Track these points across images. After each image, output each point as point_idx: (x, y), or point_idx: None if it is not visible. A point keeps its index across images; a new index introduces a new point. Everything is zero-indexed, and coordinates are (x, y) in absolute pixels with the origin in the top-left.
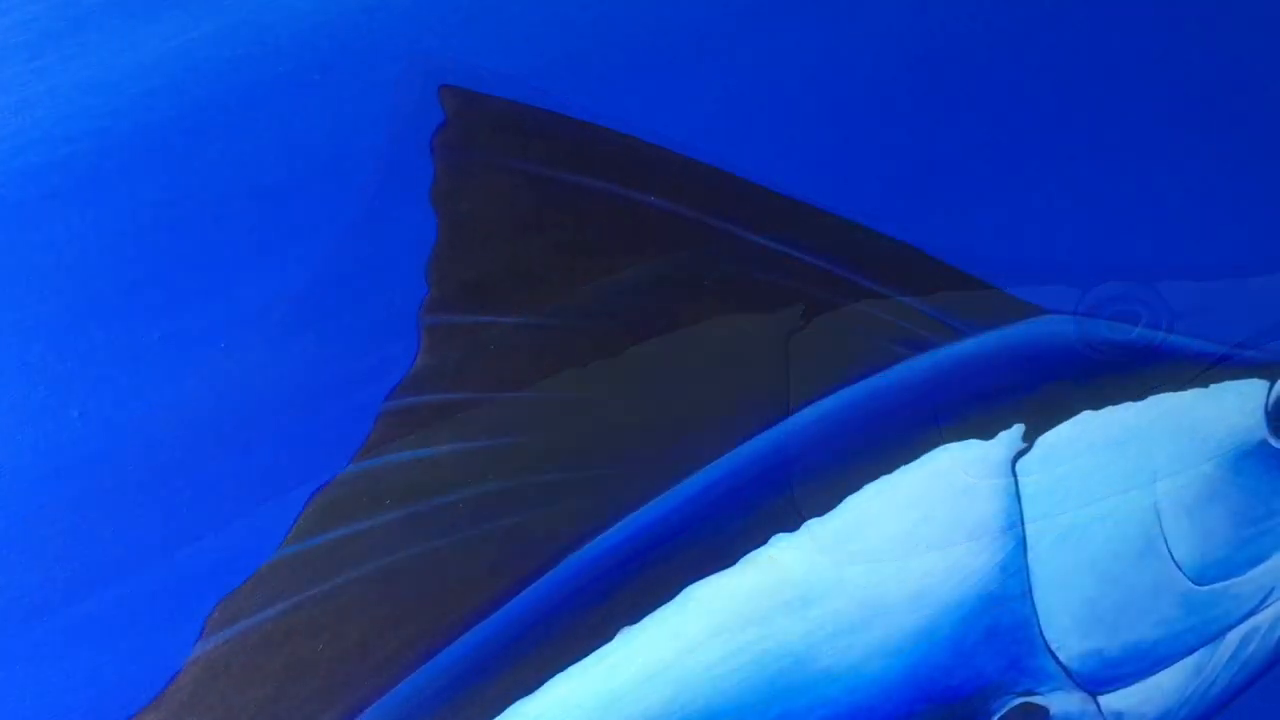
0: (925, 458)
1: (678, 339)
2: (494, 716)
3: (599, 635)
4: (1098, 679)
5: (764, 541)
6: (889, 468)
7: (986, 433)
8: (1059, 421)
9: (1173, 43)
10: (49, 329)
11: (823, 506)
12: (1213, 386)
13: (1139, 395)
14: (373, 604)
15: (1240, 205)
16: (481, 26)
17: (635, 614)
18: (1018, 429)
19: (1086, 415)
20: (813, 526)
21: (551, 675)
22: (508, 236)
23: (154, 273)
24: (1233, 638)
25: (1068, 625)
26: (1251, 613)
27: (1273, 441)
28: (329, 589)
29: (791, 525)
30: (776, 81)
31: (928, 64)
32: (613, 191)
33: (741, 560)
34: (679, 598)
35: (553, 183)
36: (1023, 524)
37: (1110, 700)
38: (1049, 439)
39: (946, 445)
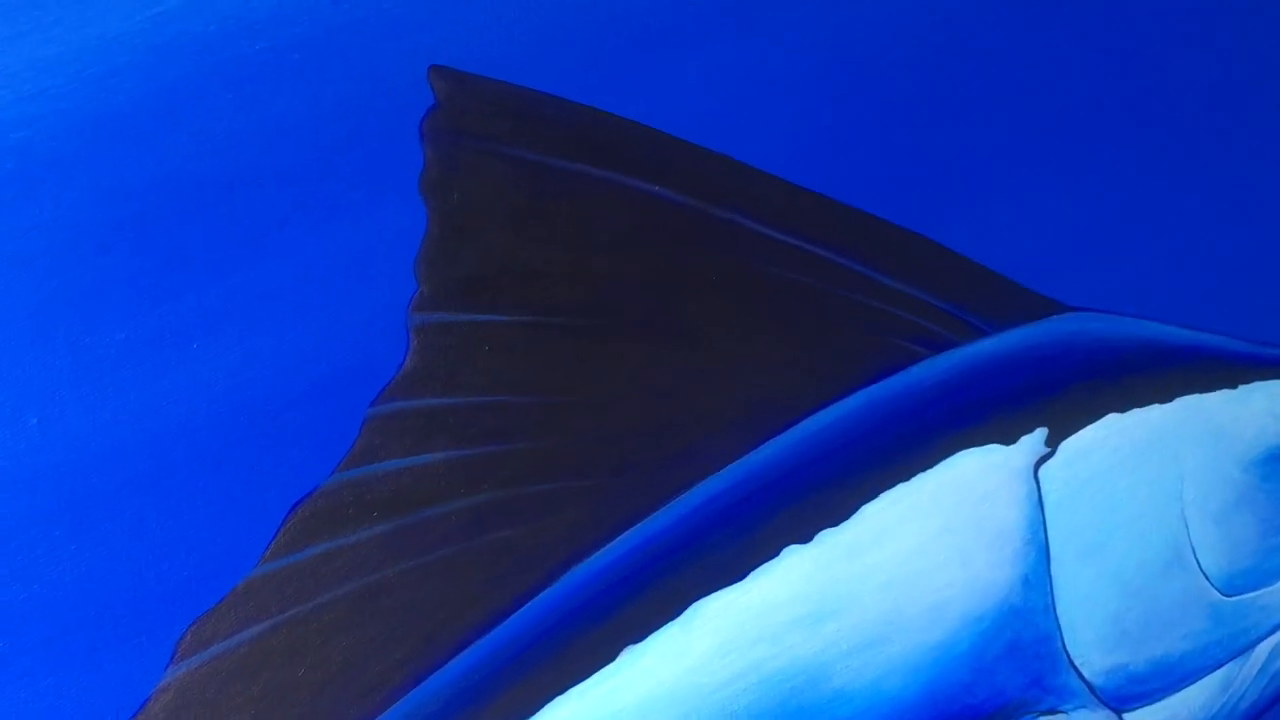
0: (944, 464)
1: (684, 338)
2: None
3: (601, 655)
4: (1123, 695)
5: (775, 554)
6: (906, 475)
7: (1008, 437)
8: (1084, 425)
9: (1192, 31)
10: (3, 330)
11: (837, 516)
12: (1241, 387)
13: (1166, 397)
14: (359, 624)
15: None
16: (475, 1)
17: (639, 632)
18: (1041, 433)
19: (1112, 418)
20: (826, 537)
21: (551, 697)
22: (503, 229)
23: (118, 269)
24: (1261, 650)
25: (1092, 639)
26: None
27: None
28: (311, 609)
29: (804, 536)
30: (788, 64)
31: (945, 48)
32: (616, 181)
33: (751, 574)
34: (685, 614)
35: (552, 171)
36: (1045, 533)
37: (1135, 717)
38: (1073, 443)
39: (966, 450)
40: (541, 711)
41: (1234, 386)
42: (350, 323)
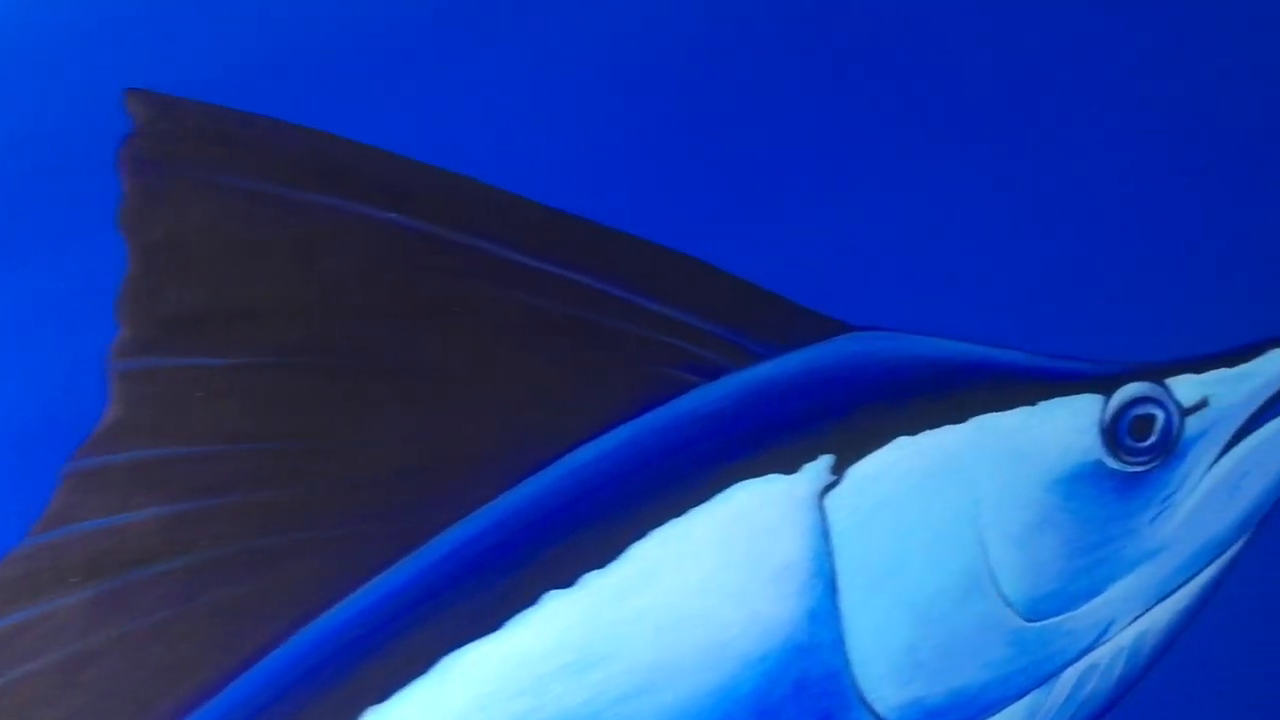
0: (720, 497)
1: (427, 375)
2: None
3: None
4: None
5: (534, 601)
6: (679, 510)
7: (789, 466)
8: (872, 450)
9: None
10: None
11: (602, 557)
12: (1042, 404)
13: (960, 417)
14: (58, 699)
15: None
16: (174, 19)
17: (381, 692)
18: (825, 460)
19: (902, 441)
20: (591, 580)
21: None
22: (215, 264)
23: None
24: (1069, 677)
25: (885, 673)
26: (1089, 649)
27: (1109, 462)
28: (2, 685)
29: (566, 580)
30: (530, 78)
31: (715, 57)
32: (340, 207)
33: (509, 622)
34: (435, 669)
35: (270, 199)
36: (833, 564)
37: None
38: (861, 469)
39: (744, 482)
40: None
41: (1033, 404)
42: (44, 372)
